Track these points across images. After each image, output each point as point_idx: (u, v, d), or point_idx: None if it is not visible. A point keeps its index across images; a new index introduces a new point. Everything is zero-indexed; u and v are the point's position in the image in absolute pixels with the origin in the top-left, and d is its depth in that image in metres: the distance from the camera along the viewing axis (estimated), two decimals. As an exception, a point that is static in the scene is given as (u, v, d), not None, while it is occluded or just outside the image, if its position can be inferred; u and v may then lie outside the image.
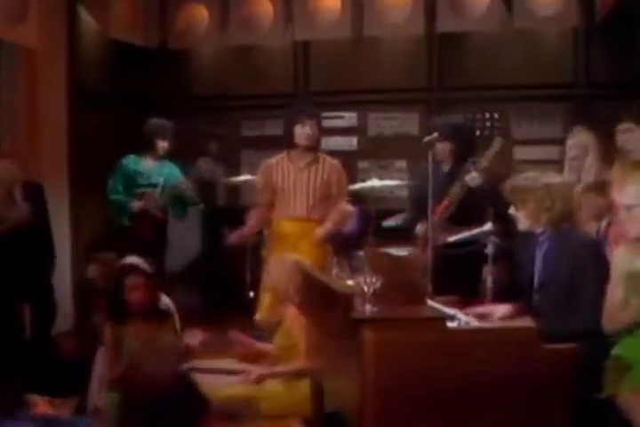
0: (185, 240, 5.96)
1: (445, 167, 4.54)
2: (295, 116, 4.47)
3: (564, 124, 5.94)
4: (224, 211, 6.48)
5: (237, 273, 5.58)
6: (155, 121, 5.33)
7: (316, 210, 4.44)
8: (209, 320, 5.54)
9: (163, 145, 5.26)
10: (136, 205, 5.18)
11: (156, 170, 5.30)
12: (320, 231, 4.39)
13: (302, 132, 4.41)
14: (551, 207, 2.98)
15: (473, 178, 4.30)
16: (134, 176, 5.27)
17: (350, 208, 4.61)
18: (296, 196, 4.44)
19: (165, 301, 3.85)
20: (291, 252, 4.35)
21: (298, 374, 3.26)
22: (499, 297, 3.84)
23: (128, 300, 3.53)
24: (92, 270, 4.66)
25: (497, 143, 4.35)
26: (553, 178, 3.08)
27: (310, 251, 4.33)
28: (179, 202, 5.33)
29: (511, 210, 3.10)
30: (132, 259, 3.80)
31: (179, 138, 5.41)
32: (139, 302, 3.53)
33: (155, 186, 5.25)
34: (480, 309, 3.04)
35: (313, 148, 4.49)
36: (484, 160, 4.31)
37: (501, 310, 3.00)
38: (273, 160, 4.52)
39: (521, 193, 3.05)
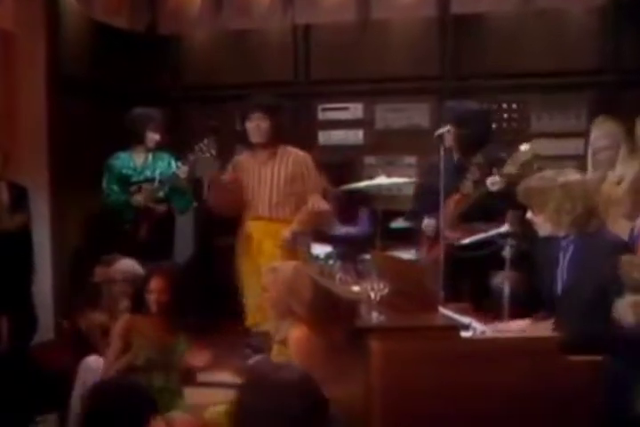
0: (176, 242, 5.97)
1: (454, 159, 4.55)
2: (243, 111, 4.49)
3: (590, 115, 5.91)
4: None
5: (231, 278, 5.60)
6: (139, 110, 5.35)
7: (280, 209, 4.41)
8: (200, 327, 5.58)
9: (153, 137, 5.28)
10: (137, 199, 5.20)
11: (149, 165, 5.33)
12: (284, 233, 4.39)
13: (250, 127, 4.45)
14: (572, 209, 2.94)
15: (495, 182, 4.29)
16: (127, 175, 5.29)
17: (324, 206, 4.57)
18: (260, 193, 4.45)
19: None
20: (256, 254, 4.40)
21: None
22: (516, 306, 3.85)
23: (149, 302, 3.70)
24: (100, 274, 4.69)
25: (528, 151, 4.29)
26: (571, 176, 3.02)
27: (274, 253, 4.36)
28: (179, 193, 5.32)
29: (529, 215, 3.08)
30: (125, 262, 3.94)
31: (170, 130, 5.43)
32: (158, 304, 3.70)
33: (152, 180, 5.28)
34: (498, 325, 3.04)
35: (269, 144, 4.50)
36: (511, 167, 4.26)
37: (520, 324, 3.01)
38: (241, 156, 4.56)
39: (537, 196, 3.02)
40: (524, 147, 4.29)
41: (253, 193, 4.49)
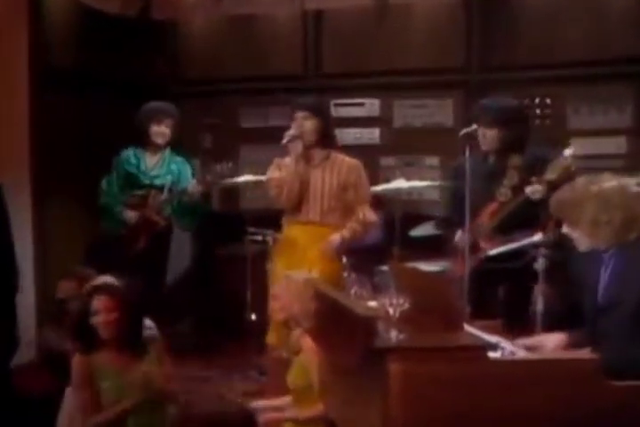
0: (173, 251, 5.99)
1: (489, 161, 4.55)
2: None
3: (635, 109, 5.91)
4: (219, 217, 6.52)
5: (235, 291, 5.61)
6: (149, 104, 5.37)
7: (330, 215, 4.63)
8: (202, 349, 5.59)
9: (158, 131, 5.27)
10: (129, 215, 5.22)
11: (160, 166, 5.34)
12: (334, 237, 4.51)
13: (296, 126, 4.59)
14: (610, 219, 2.90)
15: (535, 191, 4.28)
16: (135, 175, 5.31)
17: (374, 218, 4.71)
18: (310, 198, 4.66)
19: (149, 325, 3.90)
20: (299, 260, 4.48)
21: (314, 421, 3.31)
22: (552, 323, 3.84)
23: (96, 325, 3.59)
24: (64, 290, 4.68)
25: (571, 156, 4.27)
26: (606, 182, 2.97)
27: (320, 261, 4.50)
28: (188, 211, 5.35)
29: (564, 229, 3.07)
30: (103, 279, 3.89)
31: (180, 125, 5.44)
32: (107, 327, 3.59)
33: (160, 187, 5.29)
34: (527, 339, 3.04)
35: (318, 146, 4.60)
36: (552, 173, 4.25)
37: (554, 340, 3.00)
38: (286, 158, 4.70)
39: (570, 209, 2.99)
40: (567, 151, 4.26)
41: (302, 196, 4.62)
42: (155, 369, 3.62)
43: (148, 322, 3.90)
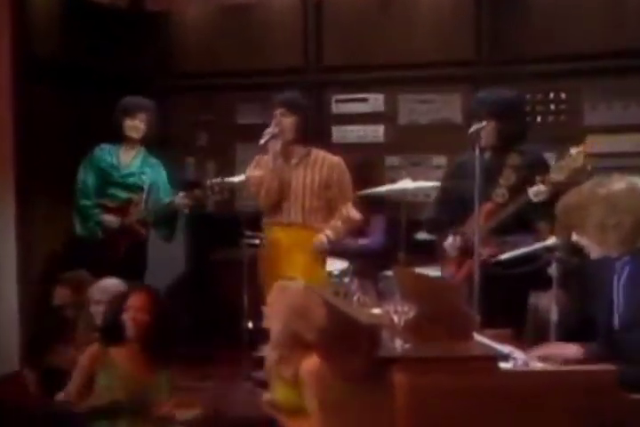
0: (165, 256, 6.00)
1: (485, 159, 4.54)
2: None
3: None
4: (214, 219, 6.53)
5: (231, 297, 5.61)
6: (124, 98, 5.42)
7: (313, 215, 4.73)
8: (195, 359, 5.59)
9: (132, 124, 5.33)
10: (108, 218, 5.26)
11: (136, 165, 5.39)
12: (319, 237, 4.55)
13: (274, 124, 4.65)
14: (619, 224, 2.90)
15: (539, 192, 4.27)
16: (110, 172, 5.36)
17: (358, 215, 4.76)
18: (291, 197, 4.75)
19: None
20: (284, 264, 4.51)
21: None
22: (565, 333, 3.84)
23: (125, 321, 3.66)
24: (60, 296, 4.69)
25: (580, 155, 4.22)
26: (615, 184, 2.96)
27: (305, 264, 4.62)
28: (165, 224, 5.40)
29: (574, 237, 3.07)
30: (109, 281, 3.95)
31: (161, 122, 5.46)
32: (135, 325, 3.64)
33: (135, 187, 5.32)
34: (541, 350, 3.04)
35: (297, 143, 4.64)
36: (558, 173, 4.24)
37: (570, 351, 3.00)
38: (265, 156, 4.73)
39: (576, 213, 2.99)
40: (574, 150, 4.25)
41: (283, 196, 4.68)
42: (164, 379, 3.66)
43: None
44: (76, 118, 6.08)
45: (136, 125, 5.37)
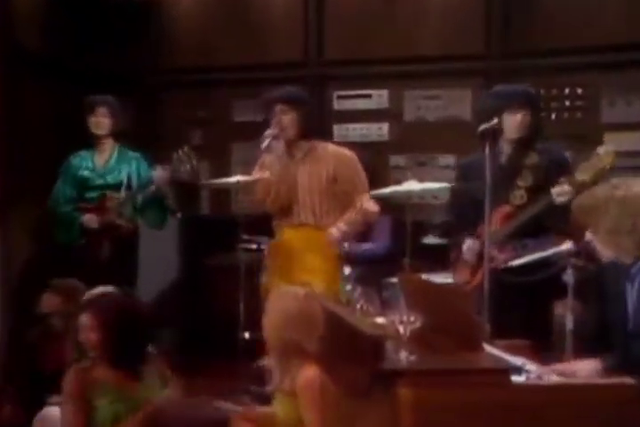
0: (157, 261, 6.00)
1: (501, 160, 4.54)
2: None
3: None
4: (208, 222, 6.53)
5: (227, 306, 5.61)
6: (85, 99, 5.53)
7: (325, 215, 4.69)
8: (188, 372, 5.59)
9: (94, 121, 5.42)
10: (86, 218, 5.29)
11: (112, 166, 5.44)
12: (332, 231, 4.56)
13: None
14: (633, 228, 2.93)
15: (563, 193, 4.26)
16: (88, 177, 5.41)
17: (374, 207, 4.73)
18: (299, 198, 4.72)
19: None
20: (296, 269, 4.50)
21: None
22: (582, 344, 3.83)
23: (82, 342, 3.66)
24: (49, 304, 4.68)
25: (608, 155, 4.20)
26: (635, 187, 2.99)
27: (319, 268, 4.58)
28: (153, 208, 5.41)
29: (588, 236, 3.08)
30: (101, 290, 3.96)
31: (153, 120, 5.47)
32: (91, 345, 3.65)
33: (115, 187, 5.36)
34: (556, 366, 3.03)
35: (300, 139, 4.67)
36: (584, 173, 4.23)
37: (587, 367, 3.00)
38: (269, 156, 4.73)
39: (591, 215, 3.01)
40: (602, 149, 4.25)
41: (291, 197, 4.66)
42: (157, 391, 3.67)
43: None
44: (60, 118, 6.08)
45: (98, 121, 5.47)
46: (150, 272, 5.91)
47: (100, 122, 5.46)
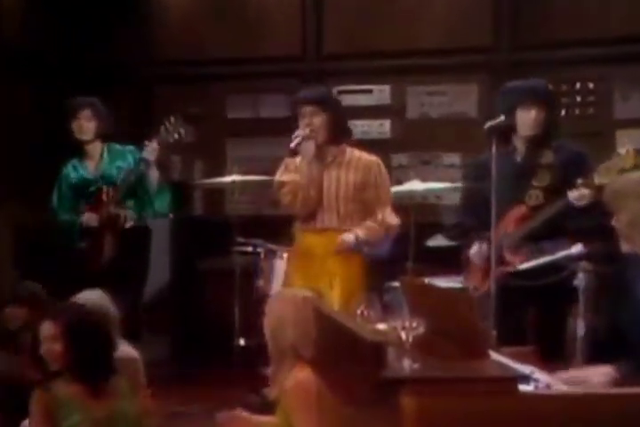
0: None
1: (516, 158, 4.55)
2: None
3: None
4: (202, 223, 6.53)
5: (221, 311, 5.62)
6: (65, 102, 5.46)
7: (349, 220, 4.70)
8: (182, 380, 5.59)
9: (77, 125, 5.33)
10: (85, 218, 5.27)
11: (105, 167, 5.40)
12: (347, 236, 4.60)
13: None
14: None
15: (582, 196, 4.26)
16: (84, 185, 5.36)
17: (395, 221, 4.75)
18: (324, 201, 4.72)
19: (127, 351, 3.93)
20: (318, 274, 4.52)
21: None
22: (594, 351, 3.84)
23: (44, 355, 3.62)
24: (16, 318, 4.60)
25: (630, 155, 4.20)
26: None
27: (341, 273, 4.57)
28: (150, 188, 5.34)
29: (613, 222, 3.11)
30: (89, 295, 3.92)
31: (143, 116, 5.45)
32: (53, 358, 3.62)
33: (110, 182, 5.34)
34: (567, 373, 3.04)
35: (330, 143, 4.67)
36: (604, 175, 4.22)
37: (599, 375, 3.00)
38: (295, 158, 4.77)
39: (616, 202, 3.05)
40: (624, 150, 4.24)
41: (318, 202, 4.68)
42: (127, 403, 3.64)
43: (126, 348, 3.93)
44: (46, 116, 6.08)
45: (81, 125, 5.37)
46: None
47: (84, 126, 5.36)
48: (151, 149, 5.24)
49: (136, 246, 5.41)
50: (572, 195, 4.25)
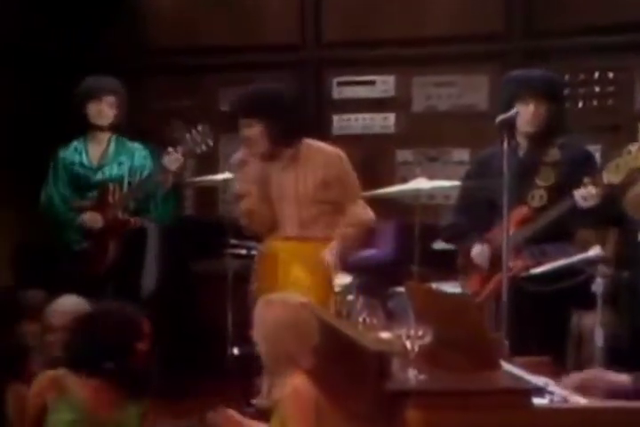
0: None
1: (518, 155, 4.54)
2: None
3: None
4: (192, 224, 6.53)
5: (213, 318, 5.63)
6: (85, 80, 5.41)
7: (311, 226, 4.69)
8: (171, 392, 5.59)
9: (98, 109, 5.29)
10: (88, 218, 5.24)
11: (110, 158, 5.36)
12: (324, 255, 4.58)
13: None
14: None
15: (589, 196, 4.26)
16: (83, 174, 5.33)
17: (369, 214, 4.71)
18: (283, 208, 4.73)
19: None
20: (282, 283, 4.51)
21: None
22: (613, 360, 3.84)
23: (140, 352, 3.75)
24: (30, 332, 4.65)
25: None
26: None
27: (306, 281, 4.58)
28: (162, 196, 5.34)
29: None
30: (67, 300, 3.97)
31: (131, 109, 5.44)
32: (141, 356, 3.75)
33: (117, 182, 5.30)
34: (578, 376, 3.04)
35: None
36: (614, 173, 4.21)
37: (613, 379, 3.00)
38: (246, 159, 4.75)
39: (635, 206, 3.05)
40: (634, 146, 4.23)
41: (275, 213, 4.66)
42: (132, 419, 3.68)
43: None
44: (35, 105, 6.10)
45: (103, 110, 5.32)
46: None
47: (104, 111, 5.31)
48: (174, 159, 5.20)
49: (134, 248, 5.42)
50: (579, 193, 4.25)
